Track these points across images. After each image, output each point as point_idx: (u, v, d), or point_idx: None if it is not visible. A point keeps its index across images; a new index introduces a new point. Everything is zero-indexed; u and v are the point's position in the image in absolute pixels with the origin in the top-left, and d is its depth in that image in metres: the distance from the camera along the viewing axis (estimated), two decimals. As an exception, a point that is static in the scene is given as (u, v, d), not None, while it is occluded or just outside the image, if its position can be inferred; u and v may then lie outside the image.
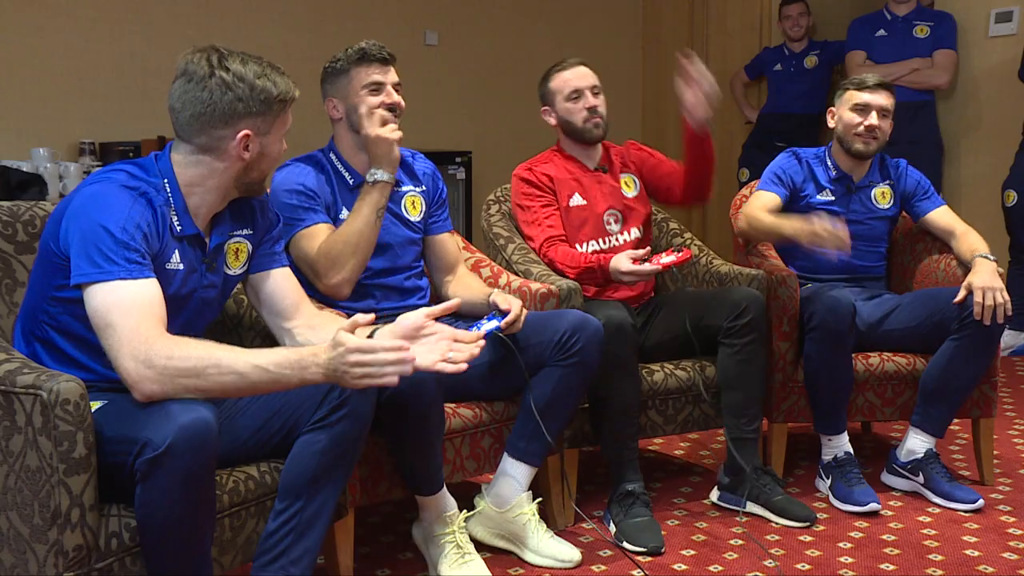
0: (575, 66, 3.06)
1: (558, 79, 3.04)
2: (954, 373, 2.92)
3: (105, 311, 1.80)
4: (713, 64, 6.34)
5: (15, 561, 1.78)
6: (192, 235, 2.00)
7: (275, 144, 2.03)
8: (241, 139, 1.96)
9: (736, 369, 2.85)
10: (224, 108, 1.93)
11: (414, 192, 2.73)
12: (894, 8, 4.99)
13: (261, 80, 1.95)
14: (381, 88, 2.58)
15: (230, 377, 1.77)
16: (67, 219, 1.88)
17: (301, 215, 2.53)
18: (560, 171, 3.05)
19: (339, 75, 2.60)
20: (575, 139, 3.06)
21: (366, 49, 2.57)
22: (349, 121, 2.60)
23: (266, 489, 2.06)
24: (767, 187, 3.21)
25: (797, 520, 2.79)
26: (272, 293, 2.20)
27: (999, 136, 4.81)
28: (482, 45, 6.08)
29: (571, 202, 3.03)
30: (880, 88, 3.16)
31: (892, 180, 3.27)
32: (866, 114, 3.15)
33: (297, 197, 2.53)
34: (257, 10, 5.29)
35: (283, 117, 2.02)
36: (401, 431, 2.31)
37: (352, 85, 2.58)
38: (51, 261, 1.91)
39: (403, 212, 2.69)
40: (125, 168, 1.96)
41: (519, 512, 2.56)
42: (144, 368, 1.75)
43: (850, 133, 3.18)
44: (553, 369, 2.50)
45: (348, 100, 2.59)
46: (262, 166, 2.03)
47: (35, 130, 4.64)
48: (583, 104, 3.01)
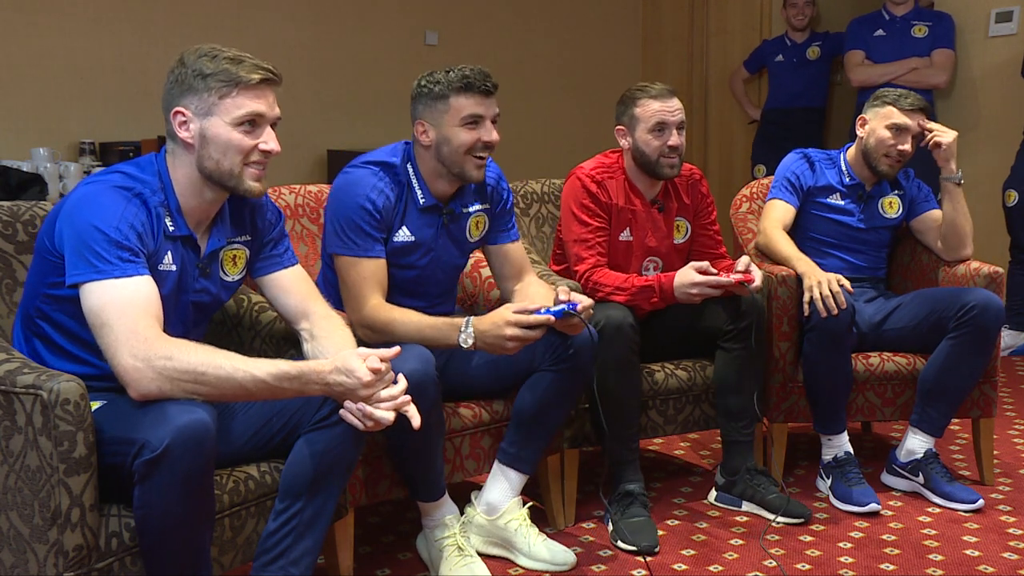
0: (666, 97, 2.84)
1: (645, 107, 2.84)
2: (951, 373, 2.92)
3: (100, 310, 1.80)
4: (713, 64, 6.38)
5: (15, 561, 1.78)
6: (185, 236, 1.99)
7: (221, 129, 1.92)
8: (173, 116, 1.93)
9: (734, 372, 2.85)
10: (167, 92, 1.94)
11: (480, 212, 2.61)
12: (892, 8, 4.99)
13: (200, 62, 1.92)
14: (479, 122, 2.43)
15: (228, 384, 1.79)
16: (61, 220, 1.88)
17: (360, 240, 2.41)
18: (621, 197, 2.89)
19: (435, 100, 2.43)
20: (644, 170, 2.89)
21: (470, 78, 2.41)
22: (438, 151, 2.45)
23: (266, 489, 2.06)
24: (781, 195, 3.18)
25: (793, 517, 2.80)
26: (275, 298, 2.19)
27: (999, 136, 4.81)
28: (482, 45, 6.08)
29: (621, 235, 2.90)
30: (919, 112, 3.09)
31: (902, 190, 3.25)
32: (902, 138, 3.08)
33: (366, 219, 2.40)
34: (257, 10, 5.29)
35: (232, 100, 1.91)
36: (401, 437, 2.31)
37: (449, 115, 2.42)
38: (46, 259, 1.91)
39: (466, 235, 2.60)
40: (121, 170, 1.96)
41: (510, 518, 2.55)
42: (143, 367, 1.75)
43: (880, 152, 3.11)
44: (544, 374, 2.49)
45: (442, 130, 2.43)
46: (212, 153, 1.93)
47: (35, 130, 4.65)
48: (665, 140, 2.82)
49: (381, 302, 2.40)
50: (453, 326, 2.35)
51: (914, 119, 3.08)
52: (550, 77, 6.35)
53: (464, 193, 2.57)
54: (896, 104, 3.09)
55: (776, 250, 3.07)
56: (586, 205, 2.85)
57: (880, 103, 3.13)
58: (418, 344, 2.31)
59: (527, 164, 5.22)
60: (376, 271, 2.42)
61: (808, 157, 3.24)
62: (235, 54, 1.94)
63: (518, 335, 2.30)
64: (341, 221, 2.42)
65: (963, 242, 3.13)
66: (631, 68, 6.78)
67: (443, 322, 2.37)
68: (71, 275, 1.83)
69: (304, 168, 5.41)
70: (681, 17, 6.53)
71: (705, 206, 3.05)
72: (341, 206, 2.43)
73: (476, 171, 2.47)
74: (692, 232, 3.03)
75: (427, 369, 2.24)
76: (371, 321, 2.38)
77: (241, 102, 1.92)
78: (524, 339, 2.31)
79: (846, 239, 3.21)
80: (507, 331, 2.29)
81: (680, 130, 2.84)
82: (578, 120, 6.43)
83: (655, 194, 2.95)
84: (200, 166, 1.96)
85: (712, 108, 6.40)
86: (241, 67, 1.92)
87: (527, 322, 2.30)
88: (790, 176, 3.20)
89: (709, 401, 2.95)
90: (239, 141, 1.93)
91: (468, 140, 2.42)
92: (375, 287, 2.41)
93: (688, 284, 2.69)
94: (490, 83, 2.44)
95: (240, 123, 1.93)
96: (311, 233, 2.80)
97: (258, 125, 1.95)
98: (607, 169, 2.91)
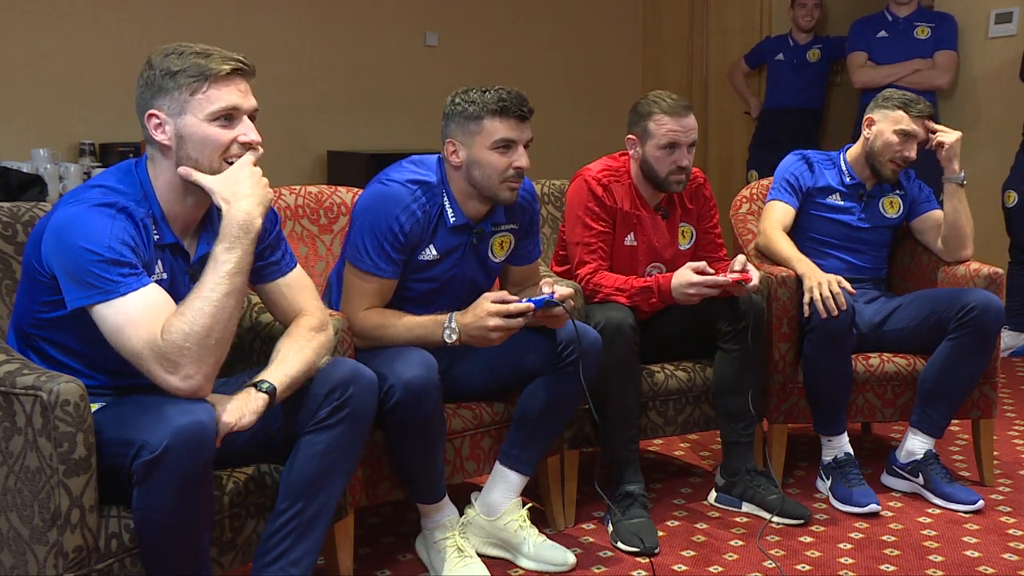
0: (681, 115, 2.79)
1: (660, 123, 2.79)
2: (951, 373, 2.92)
3: (118, 331, 1.78)
4: (713, 64, 6.38)
5: (15, 562, 1.78)
6: (172, 244, 1.96)
7: (196, 126, 1.87)
8: (148, 120, 1.90)
9: (733, 373, 2.85)
10: (139, 97, 1.92)
11: (505, 232, 2.58)
12: (895, 9, 4.99)
13: (167, 60, 1.88)
14: (512, 147, 2.38)
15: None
16: (47, 243, 1.83)
17: (376, 259, 2.38)
18: (627, 202, 2.87)
19: (468, 120, 2.38)
20: (650, 182, 2.87)
21: (506, 101, 2.36)
22: (468, 173, 2.42)
23: (266, 490, 2.07)
24: (780, 196, 3.18)
25: (792, 518, 2.80)
26: (274, 303, 2.14)
27: (999, 136, 4.81)
28: (482, 46, 6.08)
29: (625, 240, 2.88)
30: (927, 119, 3.09)
31: (903, 190, 3.25)
32: (909, 145, 3.08)
33: (390, 240, 2.37)
34: (257, 10, 5.29)
35: (204, 96, 1.86)
36: (402, 438, 2.32)
37: (481, 136, 2.38)
38: (35, 279, 1.88)
39: (489, 255, 2.57)
40: (100, 184, 1.90)
41: (510, 519, 2.55)
42: (178, 372, 1.76)
43: (886, 157, 3.11)
44: (548, 378, 2.49)
45: (472, 151, 2.40)
46: (190, 152, 1.88)
47: (35, 130, 4.65)
48: (675, 160, 2.80)
49: (373, 309, 2.41)
50: (438, 323, 2.36)
51: (922, 126, 3.09)
52: (550, 77, 6.34)
53: (495, 212, 2.54)
54: (907, 110, 3.08)
55: (776, 251, 3.07)
56: (591, 208, 2.84)
57: (891, 106, 3.11)
58: (409, 345, 2.33)
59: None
60: (380, 288, 2.42)
61: (807, 158, 3.24)
62: (202, 48, 1.90)
63: (500, 324, 2.30)
64: (364, 234, 2.39)
65: (963, 243, 3.13)
66: (631, 68, 6.78)
67: (429, 320, 2.38)
68: (74, 299, 1.80)
69: (304, 169, 5.40)
70: (681, 17, 6.53)
71: (708, 209, 3.04)
72: (370, 218, 2.40)
73: (509, 194, 2.44)
74: (696, 236, 3.03)
75: (429, 374, 2.25)
76: (359, 328, 2.37)
77: (213, 95, 1.87)
78: (507, 328, 2.31)
79: (846, 239, 3.21)
80: (489, 322, 2.30)
81: (691, 149, 2.82)
82: (578, 120, 6.42)
83: (659, 201, 2.94)
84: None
85: (712, 108, 6.40)
86: (210, 60, 1.87)
87: (507, 311, 2.30)
88: (789, 177, 3.20)
89: (709, 402, 2.95)
90: (216, 136, 1.88)
91: (500, 165, 2.39)
92: (373, 300, 2.41)
93: (685, 284, 2.69)
94: (526, 108, 2.39)
95: (215, 118, 1.88)
96: (311, 234, 2.80)
97: (234, 118, 1.90)
98: (614, 173, 2.89)
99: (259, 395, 1.88)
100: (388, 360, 2.27)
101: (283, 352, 1.99)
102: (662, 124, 2.79)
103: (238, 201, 1.85)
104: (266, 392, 1.88)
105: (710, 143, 6.43)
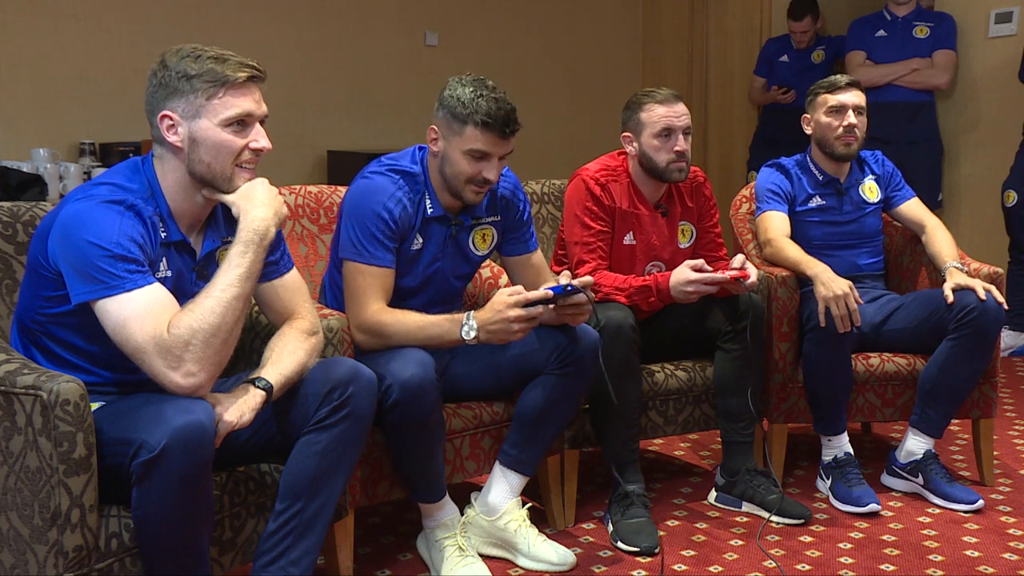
0: (671, 102, 2.83)
1: (650, 112, 2.82)
2: (951, 374, 2.92)
3: (122, 326, 1.78)
4: (713, 64, 6.38)
5: (15, 562, 1.78)
6: (178, 241, 1.97)
7: (210, 131, 1.89)
8: (160, 121, 1.90)
9: (733, 373, 2.85)
10: (150, 96, 1.92)
11: (486, 225, 2.59)
12: (894, 9, 4.99)
13: (183, 63, 1.89)
14: (485, 158, 2.39)
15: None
16: (53, 238, 1.84)
17: (371, 248, 2.38)
18: (625, 201, 2.87)
19: (454, 119, 2.38)
20: (651, 175, 2.87)
21: (492, 118, 2.35)
22: (442, 164, 2.44)
23: (266, 490, 2.07)
24: (771, 206, 3.18)
25: (792, 518, 2.80)
26: (269, 302, 2.14)
27: (999, 136, 4.81)
28: (482, 46, 6.08)
29: (624, 239, 2.88)
30: (851, 87, 3.15)
31: (876, 173, 3.28)
32: (843, 115, 3.13)
33: (381, 227, 2.39)
34: (257, 10, 5.28)
35: (220, 101, 1.89)
36: (401, 438, 2.31)
37: (460, 139, 2.38)
38: (40, 273, 1.89)
39: (471, 247, 2.58)
40: (107, 181, 1.92)
41: (509, 519, 2.55)
42: (180, 368, 1.77)
43: (830, 137, 3.15)
44: (548, 377, 2.49)
45: (449, 148, 2.41)
46: (202, 156, 1.91)
47: (35, 130, 4.64)
48: (672, 145, 2.81)
49: (383, 307, 2.40)
50: (455, 321, 2.35)
51: (848, 93, 3.14)
52: (550, 77, 6.34)
53: (475, 205, 2.54)
54: (828, 90, 3.16)
55: (785, 257, 3.06)
56: (589, 208, 2.84)
57: (812, 96, 3.20)
58: (419, 345, 2.31)
59: (526, 164, 5.19)
60: (382, 279, 2.41)
61: (781, 167, 3.26)
62: (218, 52, 1.91)
63: (521, 315, 2.29)
64: (355, 227, 2.40)
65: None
66: (631, 68, 6.78)
67: (444, 319, 2.37)
68: (79, 293, 1.80)
69: (304, 169, 5.40)
70: (681, 17, 6.53)
71: (708, 208, 3.04)
72: (357, 212, 2.41)
73: (473, 196, 2.46)
74: (696, 235, 3.04)
75: (426, 373, 2.24)
76: (370, 325, 2.37)
77: (229, 102, 1.90)
78: (528, 318, 2.30)
79: (840, 236, 3.21)
80: (510, 313, 2.28)
81: (686, 135, 2.83)
82: (578, 120, 6.43)
83: (659, 198, 2.94)
84: (191, 169, 1.93)
85: (712, 108, 6.40)
86: (227, 66, 1.89)
87: (527, 299, 2.29)
88: (772, 187, 3.20)
89: (709, 402, 2.95)
90: (229, 142, 1.91)
91: (468, 171, 2.40)
92: (379, 294, 2.40)
93: (683, 282, 2.69)
94: (510, 128, 2.38)
95: (229, 123, 1.91)
96: (311, 234, 2.80)
97: (247, 124, 1.93)
98: (611, 172, 2.90)
99: (257, 392, 1.89)
100: (385, 360, 2.26)
101: (277, 352, 2.00)
102: (654, 112, 2.82)
103: (255, 209, 1.91)
104: (263, 389, 1.90)
105: (710, 143, 6.42)
